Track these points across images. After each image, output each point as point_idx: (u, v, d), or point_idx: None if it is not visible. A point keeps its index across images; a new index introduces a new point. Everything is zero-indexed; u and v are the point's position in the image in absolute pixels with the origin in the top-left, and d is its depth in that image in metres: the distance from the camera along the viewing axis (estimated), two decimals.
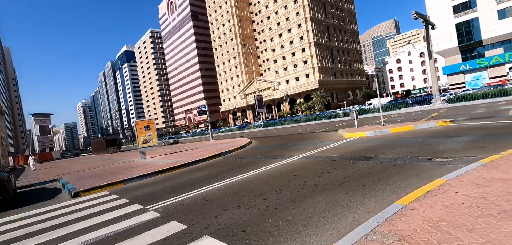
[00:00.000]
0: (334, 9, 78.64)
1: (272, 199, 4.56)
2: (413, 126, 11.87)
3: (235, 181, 6.50)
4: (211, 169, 9.19)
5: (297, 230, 3.21)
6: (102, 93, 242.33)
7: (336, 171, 5.96)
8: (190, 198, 5.53)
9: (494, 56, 44.04)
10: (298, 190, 4.88)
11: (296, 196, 4.53)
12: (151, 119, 17.17)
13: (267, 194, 4.94)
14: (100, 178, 10.14)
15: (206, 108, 27.18)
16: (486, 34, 44.05)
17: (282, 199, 4.51)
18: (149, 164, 12.84)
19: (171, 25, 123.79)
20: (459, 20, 46.69)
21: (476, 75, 46.85)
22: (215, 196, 5.43)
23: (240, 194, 5.26)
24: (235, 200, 4.88)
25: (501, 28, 42.60)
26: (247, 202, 4.64)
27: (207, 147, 18.03)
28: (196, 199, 5.43)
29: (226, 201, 4.93)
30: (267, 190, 5.18)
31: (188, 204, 5.14)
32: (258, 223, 3.62)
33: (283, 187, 5.26)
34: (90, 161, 24.47)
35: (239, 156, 11.62)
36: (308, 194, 4.55)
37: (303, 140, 14.52)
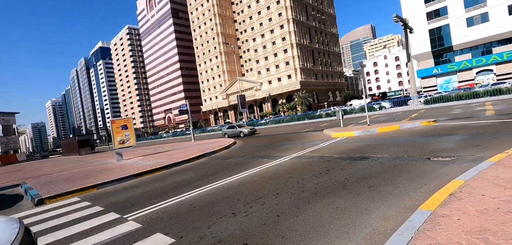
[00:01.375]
0: (315, 12, 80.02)
1: (271, 205, 4.08)
2: (399, 126, 11.96)
3: (225, 184, 5.95)
4: (197, 170, 8.53)
5: (308, 242, 2.75)
6: (74, 92, 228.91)
7: (334, 172, 5.60)
8: (176, 205, 4.90)
9: (463, 61, 46.89)
10: (297, 194, 4.44)
11: (298, 201, 4.09)
12: (128, 118, 16.04)
13: (264, 198, 4.45)
14: (70, 182, 9.09)
15: (188, 108, 26.17)
16: (456, 40, 46.81)
17: (282, 204, 4.04)
18: (126, 166, 11.86)
19: (150, 22, 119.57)
20: (432, 26, 49.21)
21: (447, 79, 49.65)
22: (205, 201, 4.85)
23: (233, 198, 4.72)
24: (229, 206, 4.35)
25: (469, 35, 45.44)
26: (242, 208, 4.12)
27: (189, 148, 17.20)
28: (182, 205, 4.82)
29: (218, 207, 4.37)
30: (263, 194, 4.69)
31: (174, 211, 4.52)
32: (261, 234, 3.12)
33: (281, 190, 4.81)
34: (59, 163, 22.55)
35: (225, 157, 11.03)
36: (310, 198, 4.12)
37: (290, 139, 14.22)
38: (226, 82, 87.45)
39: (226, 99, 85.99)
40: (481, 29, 44.10)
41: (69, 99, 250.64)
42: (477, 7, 44.16)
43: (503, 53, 42.71)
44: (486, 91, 21.37)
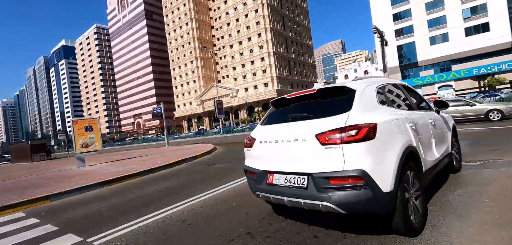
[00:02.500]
0: (291, 23, 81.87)
1: (297, 221, 3.10)
2: None
3: (221, 194, 4.83)
4: (179, 177, 7.25)
5: None
6: (30, 92, 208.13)
7: None
8: (162, 222, 3.69)
9: (426, 77, 50.43)
10: None
11: (332, 215, 3.15)
12: (94, 118, 14.04)
13: (280, 212, 3.45)
14: (14, 192, 7.24)
15: (162, 111, 24.30)
16: (421, 57, 50.39)
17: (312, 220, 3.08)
18: (90, 172, 10.07)
19: (121, 22, 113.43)
20: (400, 43, 52.52)
21: None
22: (201, 216, 3.71)
23: (239, 212, 3.65)
24: (237, 222, 3.27)
25: (432, 53, 49.18)
26: (258, 226, 3.08)
27: (164, 153, 15.57)
28: (171, 222, 3.63)
29: (222, 224, 3.28)
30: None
31: (161, 232, 3.32)
32: None
33: None
34: (6, 170, 19.32)
35: (208, 162, 9.81)
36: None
37: None
38: (201, 88, 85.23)
39: (201, 106, 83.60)
40: (442, 48, 47.99)
41: (23, 100, 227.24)
42: (439, 27, 48.07)
43: (460, 70, 46.68)
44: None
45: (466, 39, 45.60)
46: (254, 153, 3.00)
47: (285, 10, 79.35)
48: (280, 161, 2.66)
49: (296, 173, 2.50)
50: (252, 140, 3.08)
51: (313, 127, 2.45)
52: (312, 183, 2.34)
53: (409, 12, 50.92)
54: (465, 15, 45.15)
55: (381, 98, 2.76)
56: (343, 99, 2.57)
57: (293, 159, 2.54)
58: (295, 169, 2.51)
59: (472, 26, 44.86)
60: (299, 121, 2.67)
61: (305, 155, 2.43)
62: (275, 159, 2.72)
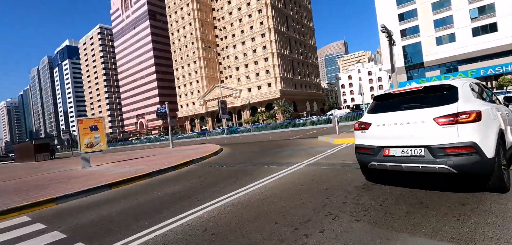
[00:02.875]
0: (295, 23, 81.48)
1: (336, 232, 2.75)
2: None
3: (240, 199, 4.49)
4: (190, 180, 6.92)
5: None
6: (34, 92, 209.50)
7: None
8: (181, 230, 3.35)
9: (432, 77, 49.76)
10: (361, 213, 3.15)
11: (372, 224, 2.80)
12: (99, 117, 13.77)
13: (315, 220, 3.10)
14: (18, 193, 6.95)
15: (167, 110, 24.03)
16: (427, 57, 49.77)
17: (354, 231, 2.73)
18: (95, 173, 9.78)
19: (124, 22, 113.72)
20: (405, 43, 51.95)
21: None
22: (224, 224, 3.36)
23: (266, 220, 3.31)
24: (268, 233, 2.92)
25: (439, 53, 48.56)
26: (292, 236, 2.73)
27: (169, 153, 15.27)
28: (191, 231, 3.29)
29: (250, 235, 2.93)
30: (309, 213, 3.34)
31: (180, 243, 2.99)
32: None
33: (330, 207, 3.48)
34: (9, 170, 19.14)
35: (218, 163, 9.48)
36: (389, 221, 2.86)
37: (285, 146, 13.02)
38: (204, 88, 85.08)
39: (204, 106, 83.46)
40: (449, 48, 47.36)
41: (28, 100, 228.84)
42: (446, 27, 47.45)
43: (467, 71, 46.00)
44: None
45: (474, 40, 44.96)
46: (369, 134, 3.93)
47: (289, 10, 79.01)
48: (398, 138, 3.56)
49: (414, 146, 3.39)
50: (367, 124, 4.01)
51: (430, 113, 3.35)
52: (429, 152, 3.25)
53: (415, 12, 50.36)
54: (473, 15, 44.52)
55: (473, 93, 3.65)
56: (449, 94, 3.50)
57: (411, 136, 3.43)
58: (414, 143, 3.40)
59: (480, 26, 44.22)
60: (414, 109, 3.55)
61: (424, 132, 3.33)
62: (392, 137, 3.63)
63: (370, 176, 4.50)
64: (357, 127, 4.18)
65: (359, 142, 4.11)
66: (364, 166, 4.10)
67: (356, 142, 4.18)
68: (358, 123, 4.21)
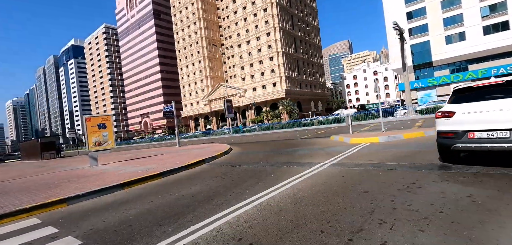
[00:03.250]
0: (300, 23, 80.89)
1: (395, 243, 2.33)
2: (423, 132, 10.83)
3: (268, 202, 4.08)
4: (206, 180, 6.53)
5: None
6: (40, 91, 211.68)
7: (428, 186, 3.98)
8: (212, 239, 2.94)
9: (441, 77, 48.91)
10: (421, 221, 2.73)
11: (446, 231, 2.38)
12: (107, 115, 13.48)
13: (369, 230, 2.68)
14: (26, 193, 6.63)
15: (173, 109, 23.74)
16: (436, 56, 48.89)
17: (419, 241, 2.31)
18: (105, 172, 9.46)
19: (129, 22, 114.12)
20: (413, 42, 51.10)
21: (427, 93, 51.49)
22: (260, 233, 2.95)
23: (309, 229, 2.90)
24: (316, 244, 2.52)
25: (448, 52, 47.65)
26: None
27: (177, 153, 14.93)
28: (225, 240, 2.89)
29: (295, 243, 2.53)
30: (357, 221, 2.91)
31: None
32: None
33: (379, 213, 3.06)
34: (16, 168, 18.99)
35: (231, 163, 9.09)
36: (460, 232, 2.43)
37: (298, 145, 12.59)
38: (209, 87, 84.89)
39: (208, 105, 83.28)
40: (459, 47, 46.44)
41: (34, 99, 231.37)
42: (455, 26, 46.54)
43: (478, 70, 45.05)
44: None
45: (484, 38, 44.00)
46: (453, 121, 4.59)
47: (294, 9, 78.45)
48: (483, 123, 4.17)
49: (500, 129, 3.98)
50: (450, 112, 4.69)
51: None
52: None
53: (424, 10, 49.51)
54: (484, 13, 43.57)
55: None
56: None
57: (497, 121, 4.02)
58: (499, 127, 3.99)
59: (491, 25, 43.26)
60: (499, 99, 4.11)
61: (509, 117, 3.90)
62: (477, 122, 4.25)
63: (446, 159, 5.20)
64: (439, 115, 4.90)
65: (442, 128, 4.80)
66: (446, 149, 4.76)
67: (439, 128, 4.90)
68: (440, 112, 4.92)
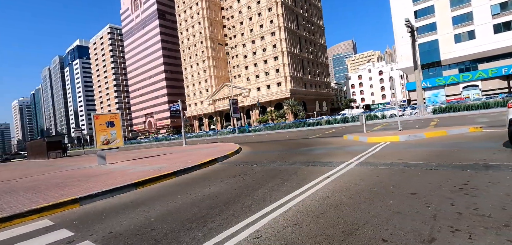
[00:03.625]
0: (305, 22, 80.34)
1: None
2: (445, 131, 10.35)
3: (305, 203, 3.68)
4: (224, 180, 6.14)
5: None
6: (45, 91, 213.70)
7: (486, 188, 3.55)
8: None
9: (450, 76, 48.05)
10: (508, 228, 2.32)
11: None
12: (115, 113, 13.20)
13: (442, 240, 2.27)
14: (35, 192, 6.32)
15: (180, 108, 23.45)
16: (444, 55, 48.03)
17: None
18: (115, 171, 9.13)
19: (134, 22, 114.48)
20: (421, 41, 50.26)
21: (435, 93, 50.64)
22: (309, 240, 2.56)
23: (366, 237, 2.49)
24: None
25: (457, 51, 46.78)
26: None
27: (185, 152, 14.60)
28: None
29: None
30: (422, 228, 2.51)
31: None
32: None
33: (447, 219, 2.66)
34: (23, 167, 18.84)
35: (247, 162, 8.70)
36: None
37: (312, 144, 12.17)
38: (213, 87, 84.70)
39: (212, 105, 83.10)
40: (468, 46, 45.55)
41: (39, 99, 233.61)
42: (465, 24, 45.68)
43: (488, 69, 44.18)
44: (496, 103, 20.95)
45: (495, 37, 43.08)
46: None
47: (299, 9, 77.92)
48: None
49: None
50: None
51: None
52: None
53: (432, 9, 48.70)
54: (494, 11, 42.67)
55: None
56: None
57: None
58: None
59: (502, 23, 42.35)
60: None
61: None
62: None
63: None
64: (511, 106, 5.72)
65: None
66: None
67: (511, 117, 5.63)
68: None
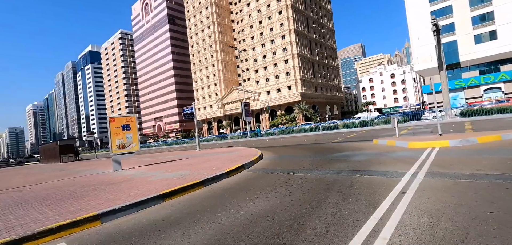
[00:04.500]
0: (315, 25, 79.34)
1: None
2: (500, 136, 9.19)
3: (407, 233, 2.73)
4: (268, 193, 5.22)
5: None
6: (58, 96, 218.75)
7: None
8: None
9: (470, 78, 46.12)
10: None
11: None
12: (132, 115, 12.51)
13: None
14: (49, 204, 5.56)
15: (194, 111, 22.79)
16: (464, 57, 46.15)
17: None
18: (134, 179, 8.34)
19: (144, 28, 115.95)
20: None
21: (454, 96, 48.59)
22: None
23: None
24: None
25: (477, 52, 44.87)
26: None
27: (203, 156, 13.76)
28: None
29: None
30: None
31: None
32: None
33: None
34: (36, 171, 18.41)
35: (278, 170, 7.76)
36: None
37: (343, 150, 11.14)
38: (222, 91, 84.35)
39: (222, 109, 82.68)
40: (489, 47, 43.60)
41: (52, 103, 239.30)
42: (485, 25, 43.83)
43: (510, 71, 42.14)
44: None
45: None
46: None
47: (309, 12, 77.06)
48: None
49: None
50: None
51: None
52: None
53: (450, 9, 47.02)
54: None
55: None
56: None
57: None
58: None
59: None
60: None
61: None
62: None
63: None
64: None
65: None
66: None
67: None
68: None
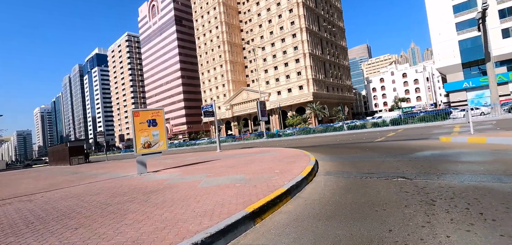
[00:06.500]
0: (326, 23, 77.38)
1: None
2: None
3: None
4: (408, 208, 3.31)
5: None
6: (65, 99, 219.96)
7: None
8: None
9: (497, 75, 43.48)
10: None
11: None
12: (159, 108, 10.67)
13: None
14: (75, 226, 3.71)
15: (214, 109, 20.99)
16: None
17: None
18: (176, 185, 6.46)
19: (151, 29, 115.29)
20: (462, 37, 46.22)
21: (479, 94, 46.15)
22: None
23: None
24: None
25: (505, 47, 42.45)
26: None
27: (234, 157, 11.87)
28: None
29: None
30: None
31: None
32: None
33: None
34: (45, 174, 16.73)
35: (376, 174, 5.84)
36: None
37: (417, 149, 9.17)
38: (230, 92, 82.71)
39: (230, 110, 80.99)
40: None
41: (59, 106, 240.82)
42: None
43: None
44: None
45: None
46: None
47: (320, 10, 75.17)
48: None
49: None
50: None
51: None
52: None
53: (474, 2, 44.71)
54: None
55: None
56: None
57: None
58: None
59: None
60: None
61: None
62: None
63: None
64: None
65: None
66: None
67: None
68: None
